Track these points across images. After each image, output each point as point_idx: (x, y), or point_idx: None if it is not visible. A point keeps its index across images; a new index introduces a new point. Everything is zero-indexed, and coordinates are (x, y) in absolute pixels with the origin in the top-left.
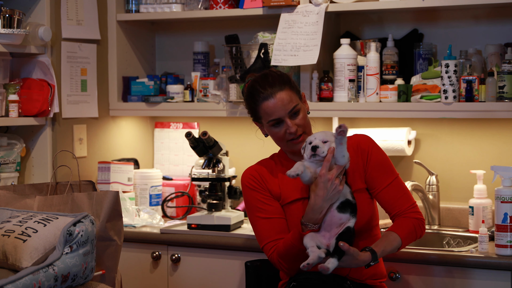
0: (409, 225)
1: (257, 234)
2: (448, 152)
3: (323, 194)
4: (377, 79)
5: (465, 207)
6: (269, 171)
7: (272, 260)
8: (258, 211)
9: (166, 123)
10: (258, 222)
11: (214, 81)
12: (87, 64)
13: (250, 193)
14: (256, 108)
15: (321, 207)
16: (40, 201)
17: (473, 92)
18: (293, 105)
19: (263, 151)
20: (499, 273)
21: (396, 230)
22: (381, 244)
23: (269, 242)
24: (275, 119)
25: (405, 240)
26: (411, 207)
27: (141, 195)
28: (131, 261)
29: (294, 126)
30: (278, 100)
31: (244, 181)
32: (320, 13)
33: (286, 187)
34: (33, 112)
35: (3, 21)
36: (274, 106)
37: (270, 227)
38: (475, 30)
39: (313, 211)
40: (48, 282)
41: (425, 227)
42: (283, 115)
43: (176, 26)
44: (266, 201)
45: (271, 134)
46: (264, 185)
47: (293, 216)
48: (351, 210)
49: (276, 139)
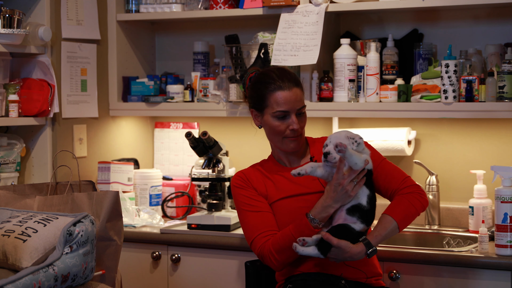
0: (403, 202)
1: (246, 230)
2: (448, 152)
3: (334, 196)
4: (377, 79)
5: (465, 207)
6: (256, 173)
7: (261, 253)
8: (247, 206)
9: (166, 123)
10: (247, 218)
11: (214, 81)
12: (87, 64)
13: (238, 191)
14: (266, 95)
15: (329, 206)
16: (40, 201)
17: (473, 92)
18: (302, 104)
19: (263, 151)
20: (499, 273)
21: (389, 212)
22: (374, 230)
23: (258, 235)
24: (284, 111)
25: (402, 219)
26: (403, 182)
27: (141, 195)
28: (131, 261)
29: (298, 124)
30: (294, 94)
31: (232, 183)
32: (320, 13)
33: (273, 188)
34: (33, 112)
35: (3, 21)
36: (288, 98)
37: (259, 220)
38: (475, 30)
39: (322, 208)
40: (48, 282)
41: (424, 197)
42: (292, 109)
43: (176, 26)
44: (254, 197)
45: (270, 126)
46: (250, 184)
47: (280, 213)
48: (360, 215)
49: (273, 132)
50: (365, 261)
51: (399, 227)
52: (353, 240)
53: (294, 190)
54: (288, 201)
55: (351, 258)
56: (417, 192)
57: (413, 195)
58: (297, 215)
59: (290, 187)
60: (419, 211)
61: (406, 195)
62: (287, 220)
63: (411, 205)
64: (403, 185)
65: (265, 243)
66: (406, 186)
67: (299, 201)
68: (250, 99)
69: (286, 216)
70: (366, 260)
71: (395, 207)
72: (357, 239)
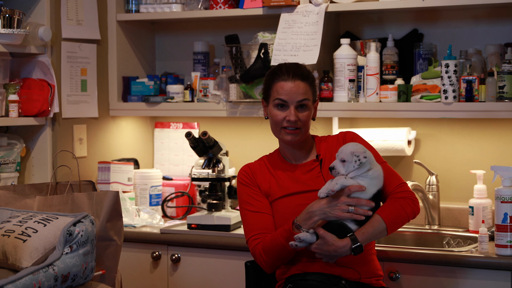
0: (395, 206)
1: (244, 227)
2: (448, 152)
3: (322, 205)
4: (377, 79)
5: (465, 207)
6: (261, 168)
7: (254, 253)
8: (247, 205)
9: (166, 123)
10: (246, 216)
11: (214, 81)
12: (87, 64)
13: (242, 188)
14: (271, 84)
15: (313, 213)
16: (40, 201)
17: (473, 92)
18: (304, 97)
19: (263, 151)
20: (499, 273)
21: (379, 212)
22: (362, 227)
23: (253, 235)
24: (282, 100)
25: (391, 221)
26: (398, 187)
27: (141, 195)
28: (131, 261)
29: (295, 117)
30: (294, 85)
31: (238, 178)
32: (320, 13)
33: (275, 185)
34: (33, 112)
35: (3, 21)
36: (288, 89)
37: (256, 221)
38: (475, 30)
39: (306, 214)
40: (48, 282)
41: (416, 204)
42: (291, 100)
43: (176, 26)
44: (256, 196)
45: (271, 115)
46: (254, 181)
47: (279, 212)
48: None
49: (273, 122)
50: (363, 261)
51: (388, 229)
52: (339, 237)
53: (295, 188)
54: (288, 199)
55: (335, 252)
56: (410, 198)
57: (406, 200)
58: (297, 213)
59: (291, 185)
60: (409, 217)
61: (399, 199)
62: (287, 217)
63: (402, 209)
64: (398, 190)
65: (257, 244)
66: (400, 191)
67: (299, 198)
68: (262, 90)
69: (286, 214)
70: (364, 261)
71: (385, 208)
72: (341, 234)
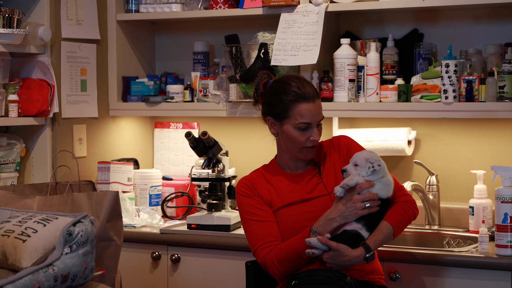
0: (399, 210)
1: (250, 239)
2: (448, 152)
3: (341, 210)
4: (377, 79)
5: (465, 207)
6: (260, 180)
7: (264, 262)
8: (251, 215)
9: (166, 123)
10: (251, 227)
11: (214, 81)
12: (87, 64)
13: (243, 199)
14: (289, 106)
15: (333, 219)
16: (39, 201)
17: (473, 92)
18: (322, 116)
19: (262, 151)
20: (499, 273)
21: (386, 218)
22: (372, 235)
23: (262, 244)
24: (307, 123)
25: (397, 225)
26: (398, 191)
27: (141, 195)
28: (131, 261)
29: (318, 136)
30: (317, 106)
31: (237, 190)
32: (320, 13)
33: (275, 195)
34: (33, 112)
35: (3, 21)
36: (312, 110)
37: (264, 230)
38: (475, 30)
39: (325, 221)
40: (47, 282)
41: (416, 207)
42: (314, 121)
43: (176, 26)
44: (259, 206)
45: (290, 136)
46: (256, 191)
47: (284, 221)
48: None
49: (293, 143)
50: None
51: (395, 233)
52: (352, 246)
53: (297, 197)
54: (292, 208)
55: (349, 262)
56: (410, 201)
57: (408, 204)
58: (302, 221)
59: (292, 194)
60: (411, 220)
61: (401, 204)
62: (292, 227)
63: (405, 213)
64: (398, 194)
65: (269, 253)
66: (401, 195)
67: (302, 207)
68: (268, 106)
69: (291, 223)
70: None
71: (391, 214)
72: (353, 243)
